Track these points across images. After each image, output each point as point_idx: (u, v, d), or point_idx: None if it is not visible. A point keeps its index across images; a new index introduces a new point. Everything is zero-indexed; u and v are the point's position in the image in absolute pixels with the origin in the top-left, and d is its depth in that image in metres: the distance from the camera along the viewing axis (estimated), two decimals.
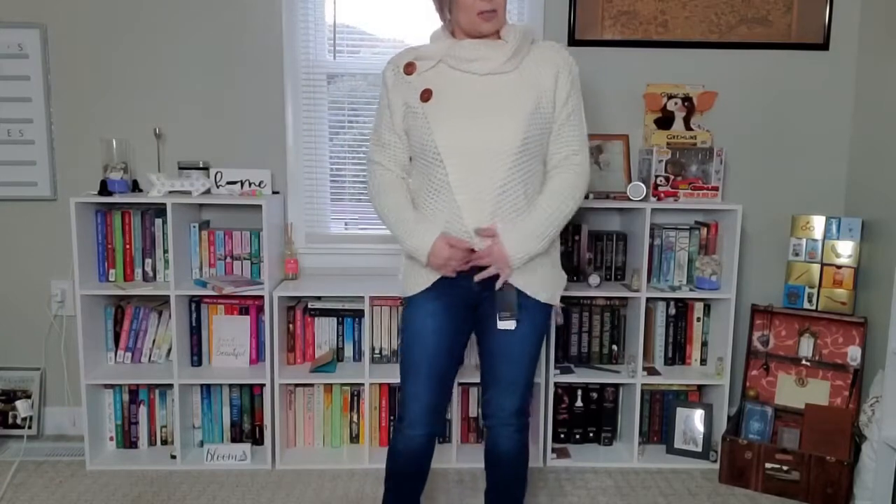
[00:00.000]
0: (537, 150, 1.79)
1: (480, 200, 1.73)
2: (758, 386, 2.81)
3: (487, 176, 1.72)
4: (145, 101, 2.86)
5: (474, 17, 1.74)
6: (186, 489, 2.54)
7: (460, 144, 1.72)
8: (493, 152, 1.72)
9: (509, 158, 1.72)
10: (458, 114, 1.74)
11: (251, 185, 2.72)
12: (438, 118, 1.74)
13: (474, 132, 1.72)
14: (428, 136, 1.75)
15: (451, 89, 1.76)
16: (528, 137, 1.74)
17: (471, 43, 1.77)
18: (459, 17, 1.76)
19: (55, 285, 2.92)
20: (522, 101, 1.74)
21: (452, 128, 1.73)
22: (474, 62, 1.76)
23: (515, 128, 1.72)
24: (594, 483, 2.62)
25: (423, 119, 1.76)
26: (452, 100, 1.75)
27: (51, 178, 2.87)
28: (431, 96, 1.76)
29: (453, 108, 1.74)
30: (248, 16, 2.83)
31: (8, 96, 2.82)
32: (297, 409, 2.83)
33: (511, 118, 1.73)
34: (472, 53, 1.76)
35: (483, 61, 1.75)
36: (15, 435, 2.91)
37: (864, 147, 2.87)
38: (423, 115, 1.76)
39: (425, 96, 1.76)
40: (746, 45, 2.88)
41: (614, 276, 2.89)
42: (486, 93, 1.75)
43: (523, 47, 1.79)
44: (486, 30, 1.76)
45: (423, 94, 1.77)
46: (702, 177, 2.74)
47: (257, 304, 2.77)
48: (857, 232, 2.74)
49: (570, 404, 2.89)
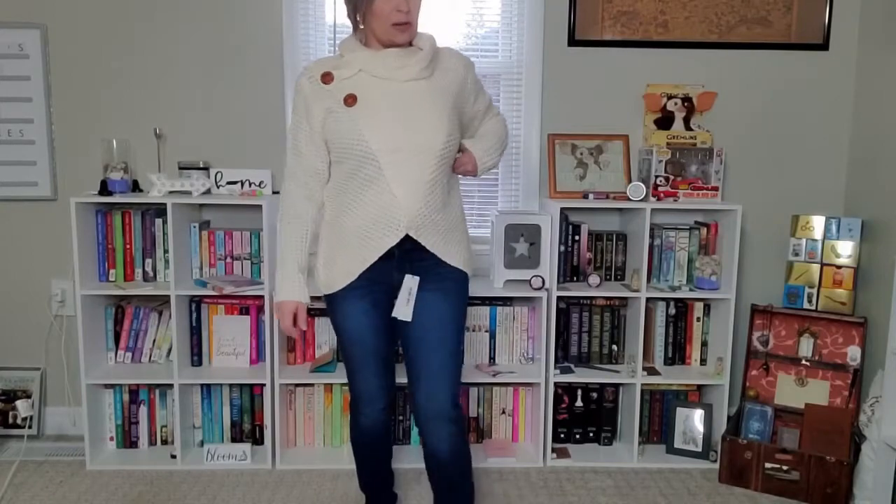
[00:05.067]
0: (455, 149, 1.92)
1: (415, 193, 1.83)
2: (757, 386, 2.82)
3: (419, 171, 1.83)
4: (145, 101, 2.86)
5: (389, 28, 1.80)
6: (186, 489, 2.54)
7: (392, 143, 1.81)
8: (422, 149, 1.82)
9: (436, 155, 1.84)
10: (386, 115, 1.82)
11: (251, 185, 2.73)
12: (367, 119, 1.81)
13: (404, 131, 1.81)
14: (356, 137, 1.81)
15: (374, 94, 1.84)
16: (452, 135, 1.87)
17: (394, 52, 1.85)
18: (374, 26, 1.82)
19: (55, 285, 2.92)
20: (441, 104, 1.86)
21: (383, 128, 1.81)
22: (396, 70, 1.84)
23: (440, 127, 1.84)
24: (594, 483, 2.62)
25: (349, 122, 1.82)
26: (377, 103, 1.83)
27: (51, 178, 2.87)
28: (356, 101, 1.83)
29: (380, 111, 1.82)
30: (248, 16, 2.83)
31: (8, 96, 2.82)
32: (297, 409, 2.83)
33: (435, 119, 1.84)
34: (396, 62, 1.84)
35: (404, 69, 1.84)
36: (15, 435, 2.91)
37: (864, 147, 2.87)
38: (350, 119, 1.82)
39: (349, 101, 1.83)
40: (746, 45, 2.88)
41: (614, 276, 2.89)
42: (409, 97, 1.84)
43: (435, 54, 1.90)
44: (400, 40, 1.83)
45: (346, 99, 1.84)
46: (702, 177, 2.74)
47: (257, 304, 2.77)
48: (857, 232, 2.74)
49: (569, 404, 2.89)
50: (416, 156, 1.82)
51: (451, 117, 1.88)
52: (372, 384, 2.02)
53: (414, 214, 1.84)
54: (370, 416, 2.06)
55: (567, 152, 2.86)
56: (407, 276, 1.90)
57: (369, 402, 2.04)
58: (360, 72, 1.86)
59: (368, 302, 1.93)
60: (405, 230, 1.85)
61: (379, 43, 1.86)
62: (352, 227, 1.88)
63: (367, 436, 2.10)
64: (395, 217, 1.84)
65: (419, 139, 1.82)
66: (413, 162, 1.82)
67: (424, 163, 1.83)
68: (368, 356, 1.98)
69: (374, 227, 1.86)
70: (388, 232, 1.85)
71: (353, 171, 1.86)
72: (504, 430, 2.91)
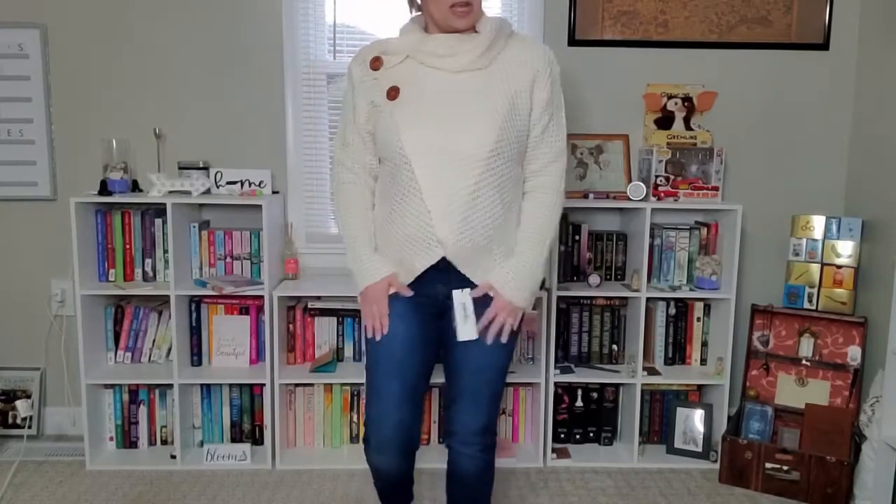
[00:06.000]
0: (512, 154, 1.65)
1: (452, 205, 1.60)
2: (758, 386, 2.81)
3: (458, 180, 1.59)
4: (145, 101, 2.86)
5: (447, 11, 1.60)
6: (186, 489, 2.54)
7: (429, 147, 1.59)
8: (463, 156, 1.59)
9: (481, 162, 1.59)
10: (426, 114, 1.61)
11: (251, 185, 2.72)
12: (405, 118, 1.61)
13: (444, 134, 1.59)
14: (395, 138, 1.61)
15: (419, 87, 1.63)
16: (502, 141, 1.61)
17: (442, 37, 1.63)
18: (431, 9, 1.62)
19: (55, 285, 2.92)
20: (496, 102, 1.61)
21: (420, 129, 1.60)
22: (445, 58, 1.62)
23: (488, 130, 1.59)
24: (594, 483, 2.62)
25: (389, 119, 1.63)
26: (421, 98, 1.62)
27: (51, 178, 2.87)
28: (398, 94, 1.63)
29: (422, 108, 1.61)
30: (248, 16, 2.83)
31: (8, 96, 2.82)
32: (297, 409, 2.83)
33: (483, 120, 1.60)
34: (443, 48, 1.62)
35: (454, 57, 1.62)
36: (15, 435, 2.91)
37: (864, 147, 2.87)
38: (390, 115, 1.63)
39: (392, 94, 1.63)
40: (746, 45, 2.88)
41: (614, 276, 2.89)
42: (457, 91, 1.62)
43: (498, 41, 1.65)
44: (460, 25, 1.61)
45: (389, 91, 1.64)
46: (702, 177, 2.74)
47: (257, 304, 2.77)
48: (857, 232, 2.74)
49: (570, 404, 2.89)
50: (455, 162, 1.58)
51: (506, 117, 1.61)
52: (389, 419, 1.70)
53: (450, 233, 1.60)
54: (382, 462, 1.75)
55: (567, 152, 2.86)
56: (455, 292, 1.66)
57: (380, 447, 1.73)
58: (408, 58, 1.65)
59: (410, 306, 1.71)
60: (441, 252, 1.63)
61: (438, 28, 1.64)
62: (394, 239, 1.68)
63: (380, 480, 1.81)
64: (429, 235, 1.62)
65: (462, 143, 1.58)
66: (452, 170, 1.58)
67: (465, 171, 1.58)
68: (393, 376, 1.70)
69: (411, 245, 1.65)
70: (422, 252, 1.64)
71: (393, 175, 1.65)
72: (504, 430, 2.91)
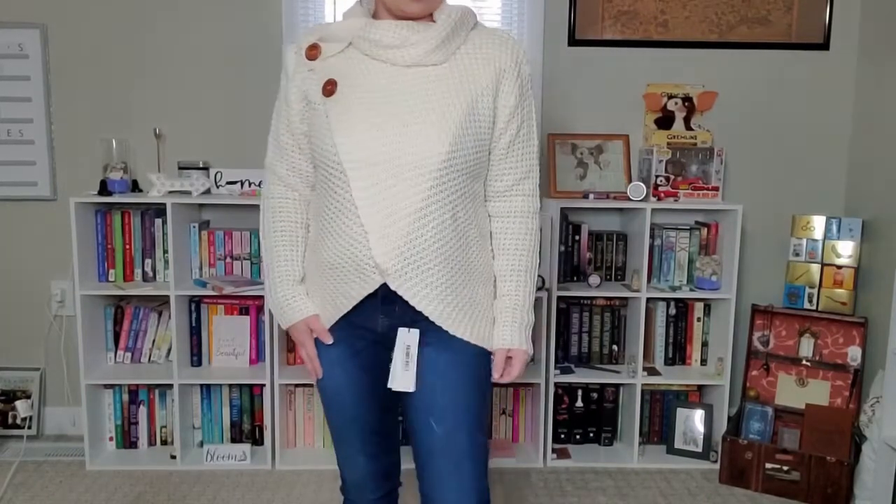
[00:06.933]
0: (469, 167, 1.36)
1: (393, 226, 1.31)
2: (758, 386, 2.81)
3: (402, 197, 1.31)
4: (145, 101, 2.86)
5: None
6: (186, 489, 2.54)
7: (368, 156, 1.31)
8: (409, 168, 1.30)
9: (431, 176, 1.31)
10: (366, 115, 1.32)
11: (251, 185, 2.72)
12: (342, 119, 1.33)
13: (387, 141, 1.31)
14: (328, 142, 1.34)
15: (360, 82, 1.35)
16: (457, 151, 1.32)
17: (390, 23, 1.34)
18: None
19: (55, 285, 2.92)
20: (452, 105, 1.33)
21: (358, 133, 1.32)
22: (393, 49, 1.33)
23: (440, 137, 1.30)
24: (594, 483, 2.62)
25: (323, 118, 1.35)
26: (361, 96, 1.34)
27: (51, 178, 2.87)
28: (336, 89, 1.35)
29: (361, 107, 1.33)
30: (249, 16, 2.83)
31: (8, 96, 2.82)
32: (297, 410, 2.83)
33: (435, 124, 1.31)
34: (391, 38, 1.33)
35: (404, 48, 1.33)
36: (15, 435, 2.91)
37: (864, 147, 2.87)
38: (325, 114, 1.35)
39: (328, 89, 1.35)
40: (746, 45, 2.88)
41: (614, 276, 2.89)
42: (406, 89, 1.33)
43: (459, 33, 1.36)
44: (412, 11, 1.32)
45: (325, 85, 1.36)
46: (702, 177, 2.74)
47: (257, 304, 2.77)
48: (857, 232, 2.74)
49: (570, 404, 2.88)
50: (400, 175, 1.30)
51: (463, 123, 1.33)
52: (358, 466, 1.51)
53: (390, 258, 1.32)
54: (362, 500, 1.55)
55: (567, 152, 2.86)
56: (401, 331, 1.38)
57: (357, 489, 1.54)
58: (351, 47, 1.38)
59: (346, 351, 1.44)
60: (379, 279, 1.35)
61: (388, 14, 1.36)
62: (327, 260, 1.40)
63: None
64: (365, 259, 1.34)
65: (408, 152, 1.30)
66: (394, 184, 1.31)
67: (411, 186, 1.30)
68: (349, 427, 1.48)
69: (345, 269, 1.37)
70: (357, 279, 1.36)
71: (326, 187, 1.39)
72: (504, 430, 2.91)
